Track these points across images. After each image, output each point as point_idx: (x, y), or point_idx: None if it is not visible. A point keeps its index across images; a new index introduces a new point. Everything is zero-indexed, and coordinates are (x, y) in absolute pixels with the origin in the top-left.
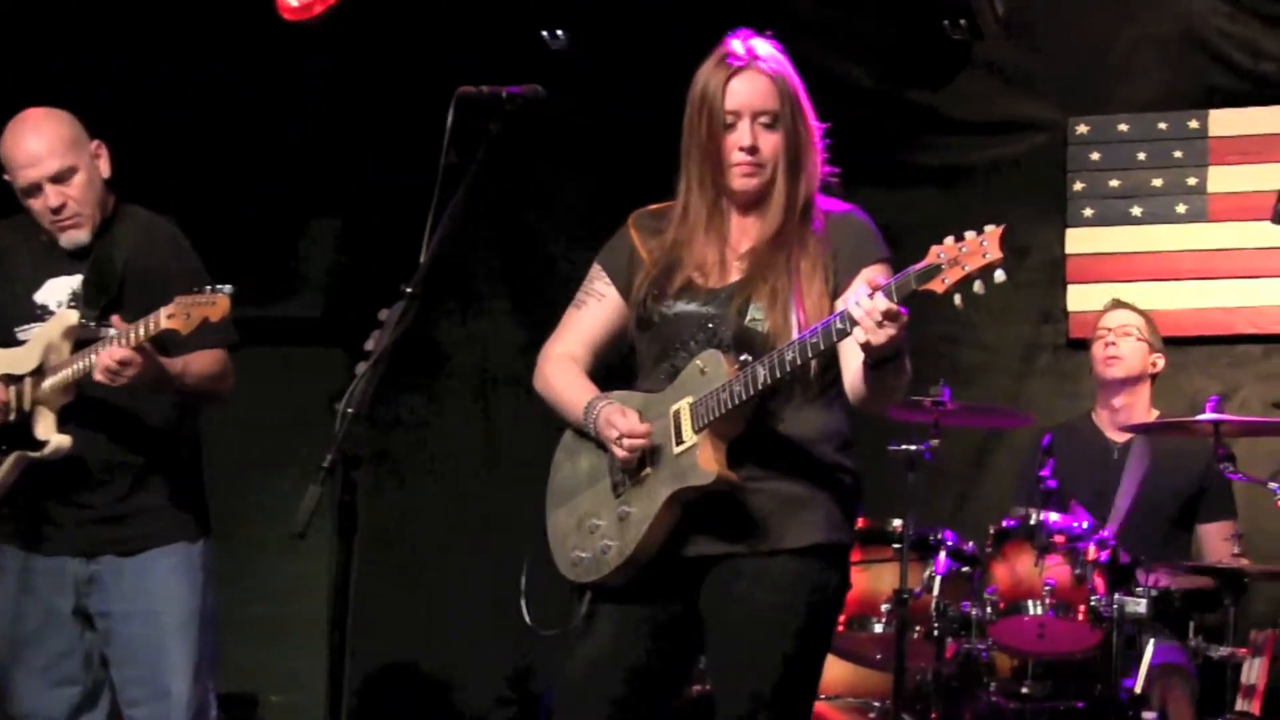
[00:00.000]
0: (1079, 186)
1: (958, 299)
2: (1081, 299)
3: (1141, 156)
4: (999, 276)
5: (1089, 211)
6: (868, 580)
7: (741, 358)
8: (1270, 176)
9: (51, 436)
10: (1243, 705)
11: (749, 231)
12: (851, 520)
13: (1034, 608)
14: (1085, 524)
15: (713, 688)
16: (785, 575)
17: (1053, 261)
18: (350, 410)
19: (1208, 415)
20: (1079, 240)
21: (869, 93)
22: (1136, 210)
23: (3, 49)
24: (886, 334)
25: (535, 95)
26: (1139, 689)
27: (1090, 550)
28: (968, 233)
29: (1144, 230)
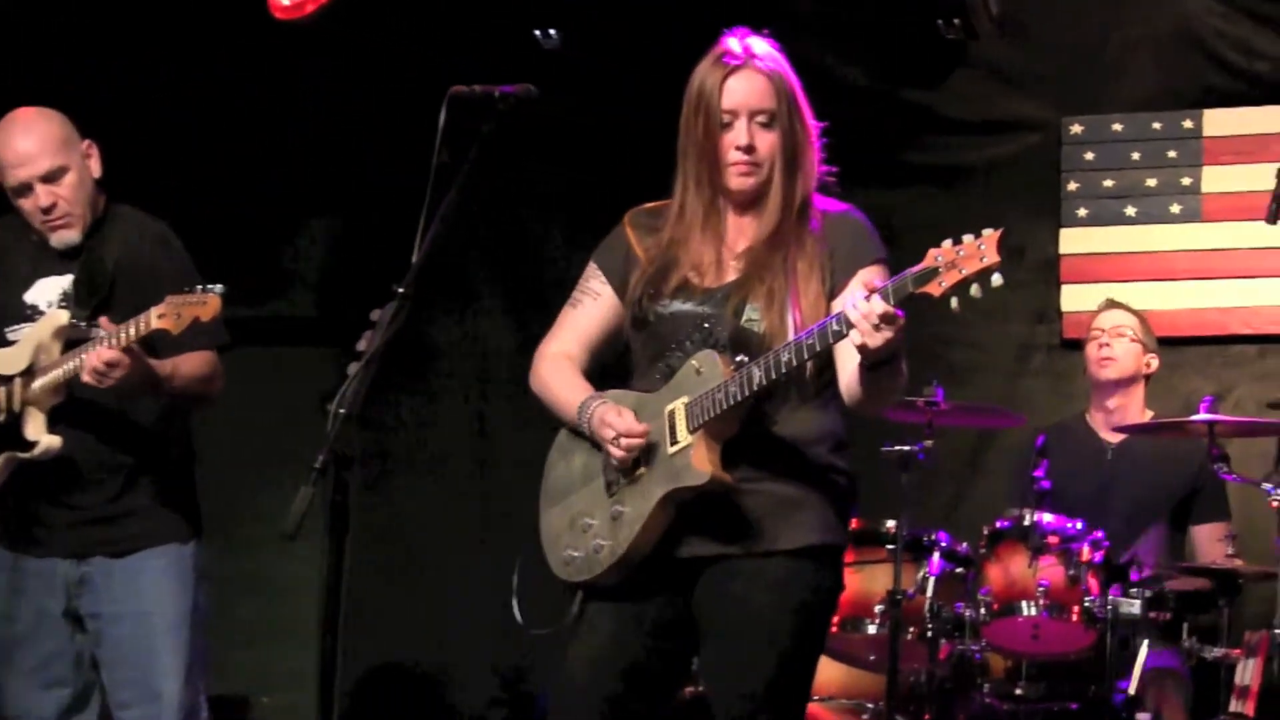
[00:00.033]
0: (1073, 186)
1: (954, 303)
2: (1075, 299)
3: (1136, 156)
4: (996, 280)
5: (1083, 211)
6: (861, 581)
7: (737, 358)
8: (1265, 176)
9: (41, 437)
10: (1237, 706)
11: (746, 231)
12: (846, 522)
13: (1028, 609)
14: (1079, 525)
15: (706, 689)
16: (779, 576)
17: (1047, 261)
18: (342, 410)
19: (1202, 416)
20: (1073, 240)
21: (862, 92)
22: (1131, 210)
23: (3, 49)
24: (884, 337)
25: (528, 95)
26: (1133, 690)
27: (1084, 551)
28: (965, 236)
29: (1138, 230)
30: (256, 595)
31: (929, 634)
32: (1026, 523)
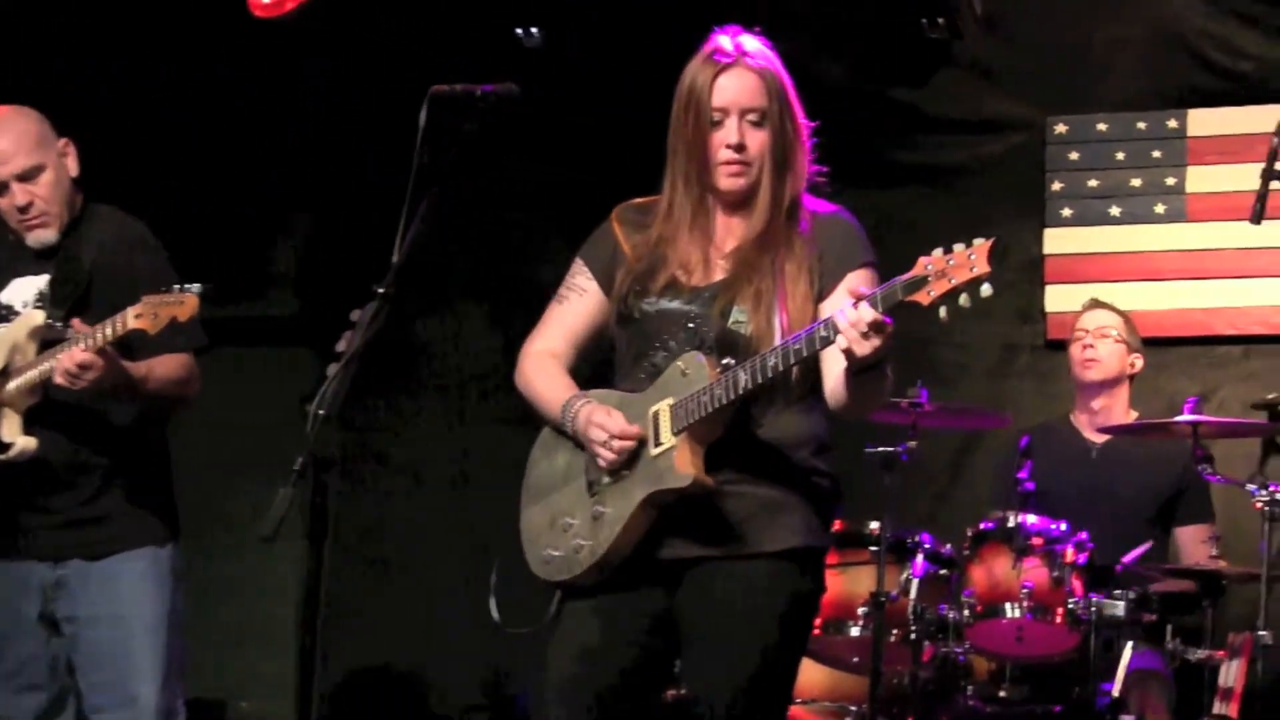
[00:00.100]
0: (1057, 186)
1: (943, 312)
2: (1060, 299)
3: (1120, 156)
4: (986, 290)
5: (1067, 211)
6: (844, 583)
7: (724, 361)
8: (1249, 176)
9: (17, 439)
10: (1220, 708)
11: (734, 230)
12: (828, 524)
13: (1011, 610)
14: (1063, 527)
15: (688, 691)
16: (762, 579)
17: (1031, 262)
18: (321, 412)
19: (1186, 417)
20: (1057, 240)
21: (846, 91)
22: (1115, 210)
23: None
24: (872, 345)
25: (509, 94)
26: (1116, 692)
27: (1068, 552)
28: (956, 245)
29: (1123, 230)
30: (235, 598)
31: (912, 636)
32: (1010, 524)
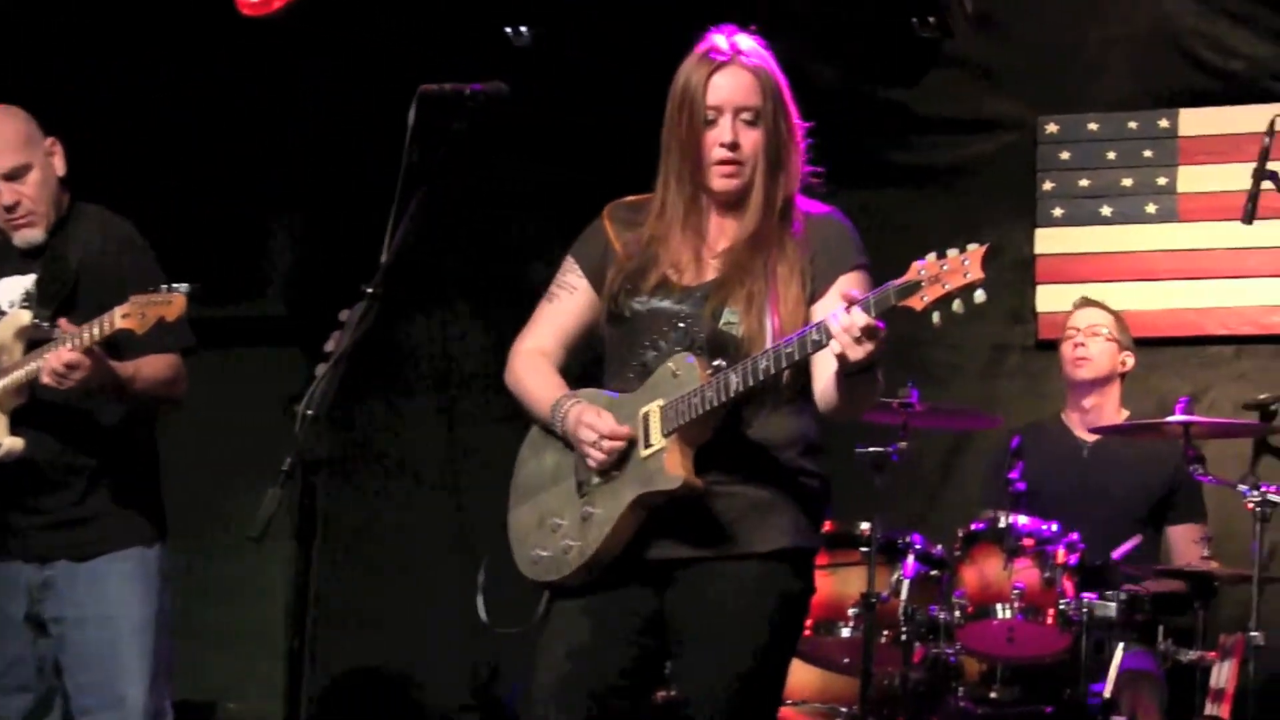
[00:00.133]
0: (1048, 186)
1: (936, 317)
2: (1051, 299)
3: (1111, 156)
4: (979, 297)
5: (1059, 211)
6: (835, 584)
7: (715, 362)
8: (1241, 176)
9: (3, 439)
10: (1212, 709)
11: (727, 230)
12: (818, 525)
13: (1003, 611)
14: (1054, 528)
15: (678, 692)
16: (751, 580)
17: (1022, 262)
18: (310, 412)
19: (1178, 417)
20: (1048, 240)
21: (837, 91)
22: (1106, 210)
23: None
24: (865, 350)
25: (498, 93)
26: (1108, 693)
27: (1059, 553)
28: (949, 250)
29: (1114, 230)
30: (223, 599)
31: (903, 637)
32: (1002, 525)
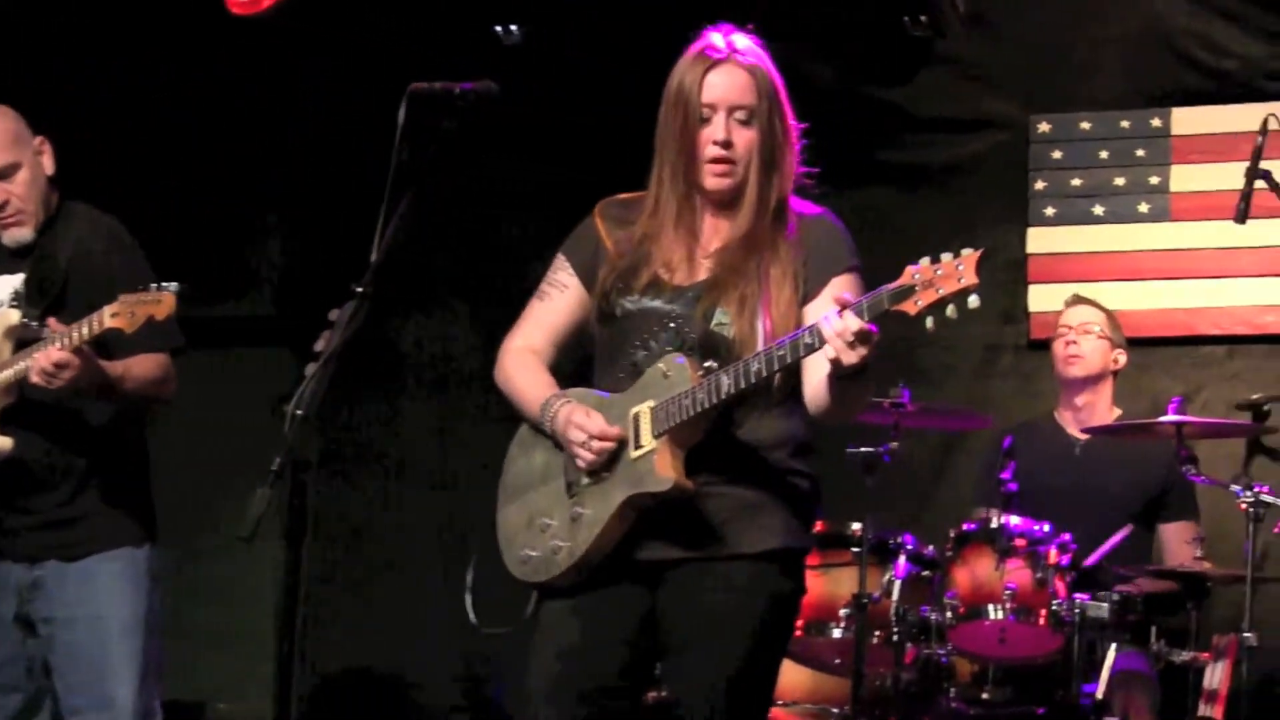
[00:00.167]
0: (1041, 185)
1: (929, 322)
2: (1043, 299)
3: (1104, 155)
4: (973, 302)
5: (1051, 211)
6: (826, 584)
7: (706, 364)
8: (1234, 175)
9: None
10: (1205, 710)
11: (720, 230)
12: (809, 526)
13: (995, 612)
14: (1046, 528)
15: (669, 692)
16: (741, 581)
17: (1014, 261)
18: (299, 412)
19: (1170, 417)
20: (1040, 240)
21: (829, 90)
22: (1099, 209)
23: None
24: (858, 354)
25: (489, 91)
26: (1100, 694)
27: (1051, 554)
28: (944, 255)
29: (1106, 230)
30: (213, 599)
31: (895, 638)
32: (994, 525)
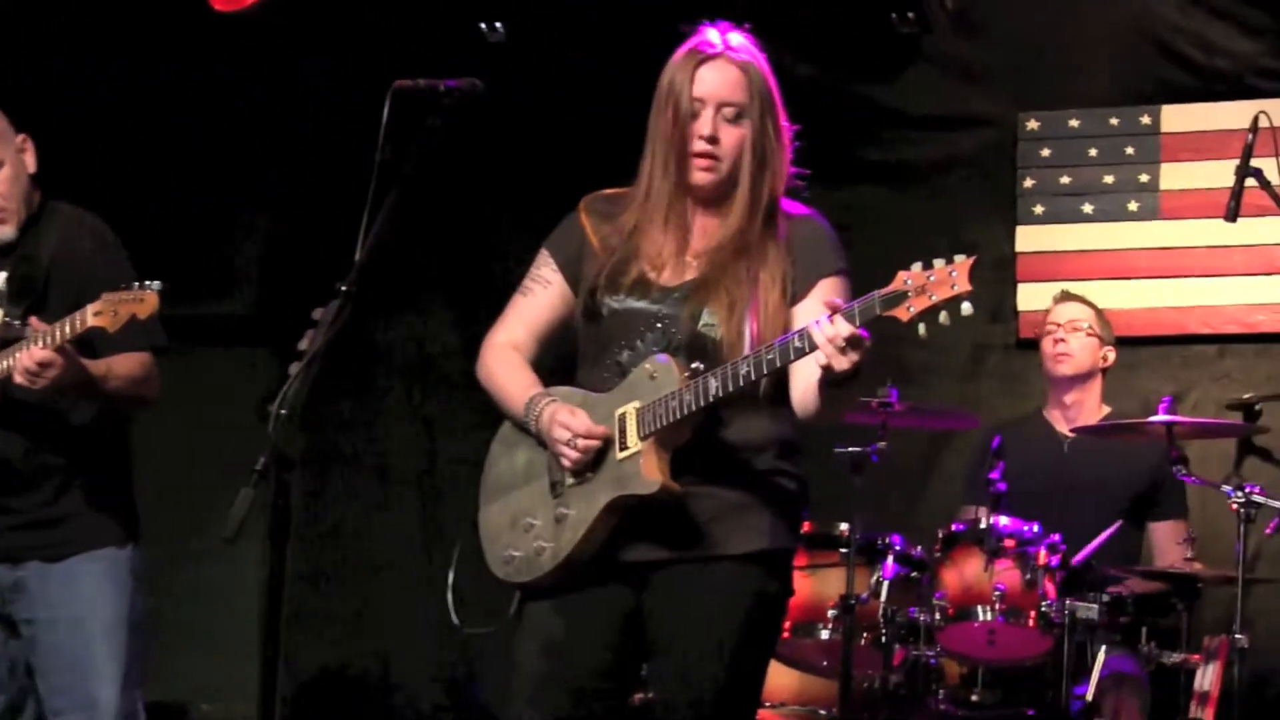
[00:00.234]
0: (1029, 183)
1: (922, 328)
2: (1032, 298)
3: (1093, 153)
4: (966, 309)
5: (1039, 209)
6: (814, 585)
7: (693, 365)
8: (1224, 173)
9: None
10: (1196, 712)
11: (709, 229)
12: (796, 526)
13: (983, 613)
14: (1035, 529)
15: (655, 694)
16: (728, 582)
17: (1002, 260)
18: (283, 411)
19: (1161, 417)
20: (1029, 238)
21: (815, 87)
22: (1088, 207)
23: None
24: (850, 360)
25: (473, 89)
26: (1090, 696)
27: (1041, 554)
28: (936, 261)
29: (1095, 228)
30: (196, 600)
31: (883, 639)
32: (982, 526)
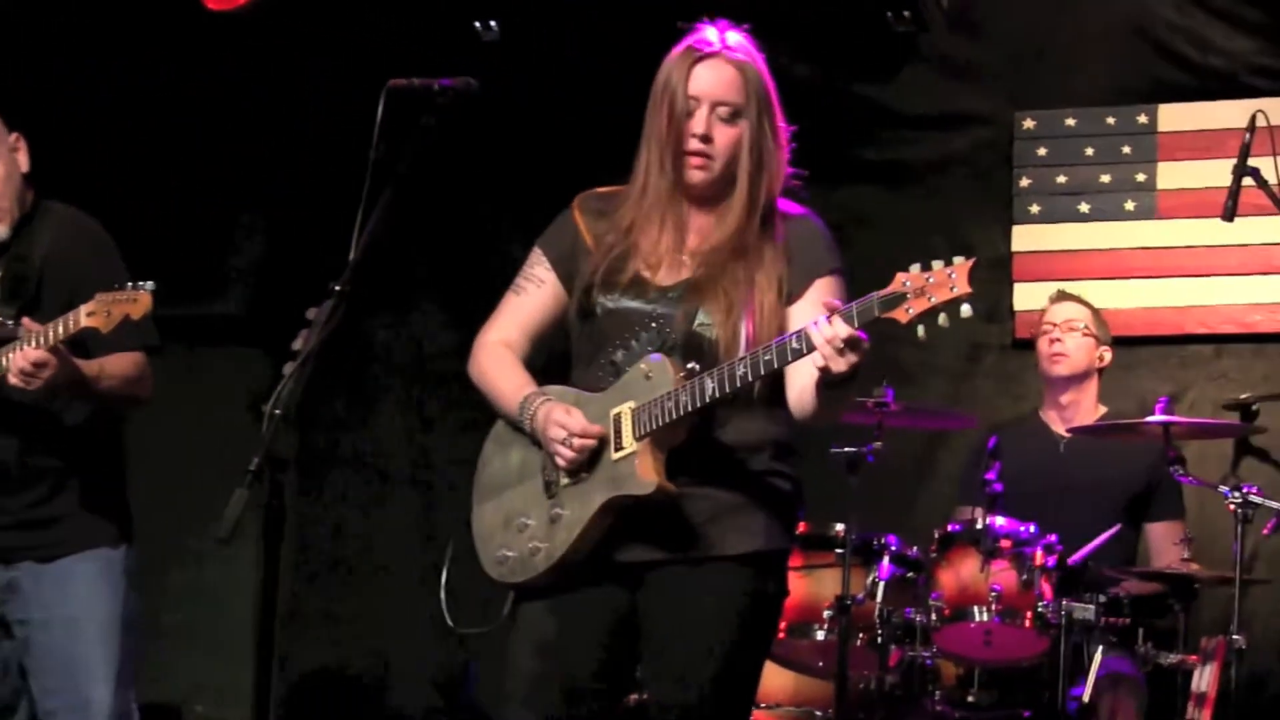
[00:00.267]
0: (1025, 183)
1: (921, 330)
2: (1028, 298)
3: (1089, 152)
4: (966, 311)
5: (1036, 208)
6: (809, 586)
7: (689, 365)
8: (1221, 172)
9: None
10: (1193, 713)
11: (705, 228)
12: (791, 527)
13: (980, 614)
14: (1032, 529)
15: (649, 695)
16: (723, 582)
17: (999, 259)
18: (277, 411)
19: (1157, 417)
20: (1025, 238)
21: (810, 86)
22: (1084, 207)
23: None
24: (848, 361)
25: (468, 88)
26: (1087, 697)
27: (1037, 555)
28: (935, 263)
29: (1092, 227)
30: (190, 601)
31: (879, 640)
32: (979, 526)
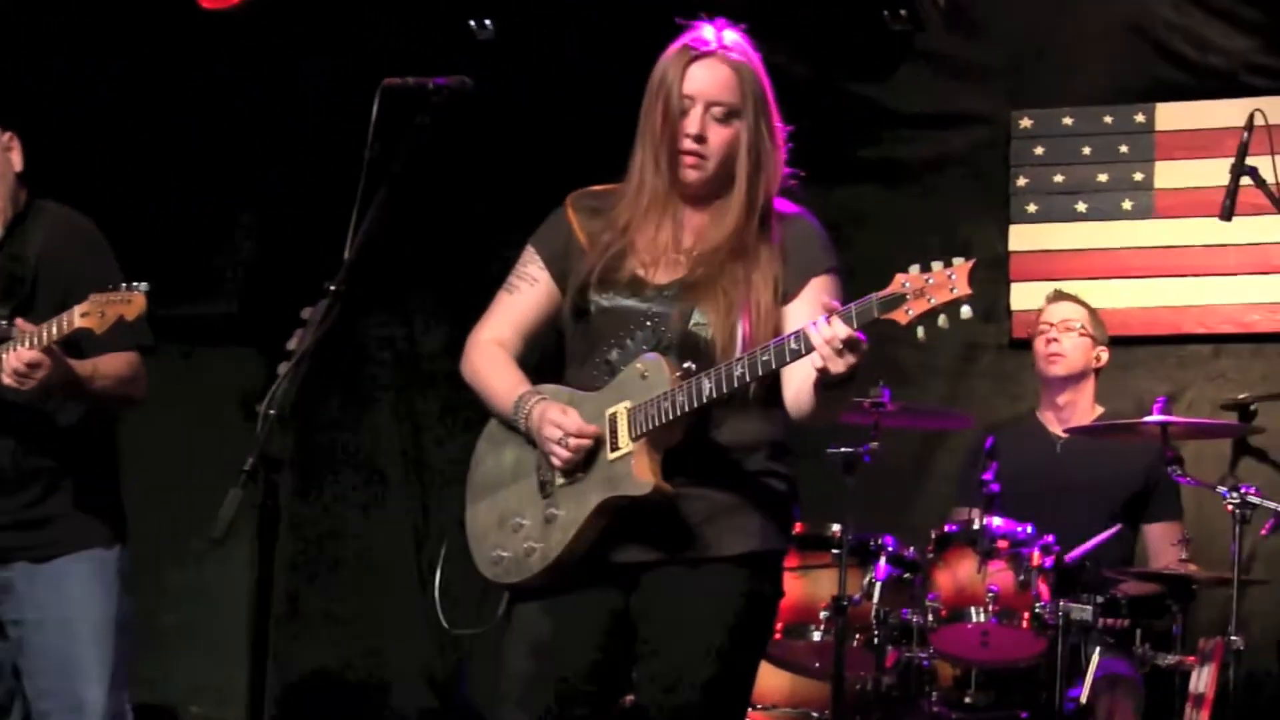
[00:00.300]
0: (1022, 182)
1: (920, 332)
2: (1025, 297)
3: (1087, 151)
4: (965, 313)
5: (1033, 207)
6: (806, 586)
7: (684, 365)
8: (1218, 172)
9: None
10: (1191, 715)
11: (701, 228)
12: (787, 528)
13: (977, 615)
14: (1029, 530)
15: (644, 696)
16: (718, 583)
17: (995, 259)
18: (272, 411)
19: (1155, 417)
20: (1022, 237)
21: (807, 85)
22: (1081, 206)
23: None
24: (847, 362)
25: (463, 88)
26: (1084, 699)
27: (1034, 555)
28: (934, 264)
29: (1089, 227)
30: (185, 601)
31: (875, 641)
32: (975, 526)
